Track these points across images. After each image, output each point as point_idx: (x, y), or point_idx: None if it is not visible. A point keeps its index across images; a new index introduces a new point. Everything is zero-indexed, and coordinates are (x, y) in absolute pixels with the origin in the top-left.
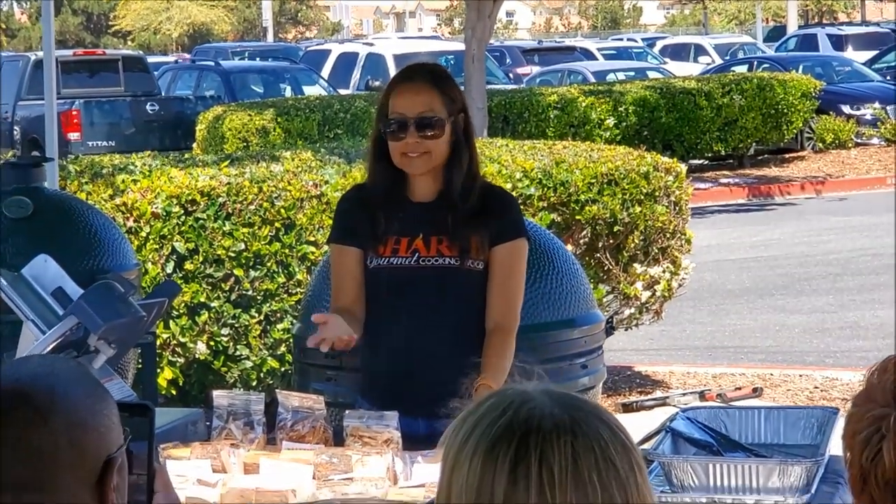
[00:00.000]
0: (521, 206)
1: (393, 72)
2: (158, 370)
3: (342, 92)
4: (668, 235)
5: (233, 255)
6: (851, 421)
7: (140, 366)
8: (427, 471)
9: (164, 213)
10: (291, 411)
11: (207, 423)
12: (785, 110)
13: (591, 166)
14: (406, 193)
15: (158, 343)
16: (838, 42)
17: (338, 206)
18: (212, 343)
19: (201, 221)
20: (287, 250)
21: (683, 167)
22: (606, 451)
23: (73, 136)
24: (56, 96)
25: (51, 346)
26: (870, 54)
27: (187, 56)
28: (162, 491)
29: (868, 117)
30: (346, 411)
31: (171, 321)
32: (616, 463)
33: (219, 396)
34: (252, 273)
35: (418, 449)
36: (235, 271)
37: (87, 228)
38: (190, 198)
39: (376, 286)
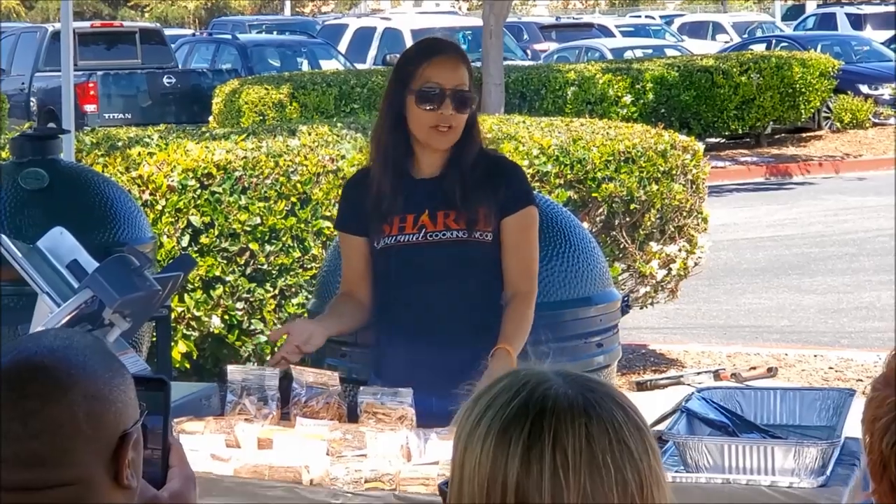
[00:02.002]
0: (538, 184)
1: None
2: (172, 344)
3: (359, 66)
4: (684, 214)
5: (248, 229)
6: (871, 406)
7: (154, 339)
8: (441, 448)
9: (180, 187)
10: (306, 387)
11: (222, 395)
12: (803, 89)
13: (609, 144)
14: (410, 170)
15: (173, 316)
16: (857, 21)
17: (343, 192)
18: (226, 317)
19: (217, 195)
20: (302, 225)
21: (701, 146)
22: (620, 433)
23: (90, 108)
24: (73, 68)
25: (65, 319)
26: (889, 33)
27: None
28: (177, 466)
29: (886, 97)
30: (361, 388)
31: (185, 295)
32: (630, 444)
33: (233, 371)
34: (267, 247)
35: (431, 426)
36: (251, 245)
37: (102, 201)
38: (206, 171)
39: (385, 265)
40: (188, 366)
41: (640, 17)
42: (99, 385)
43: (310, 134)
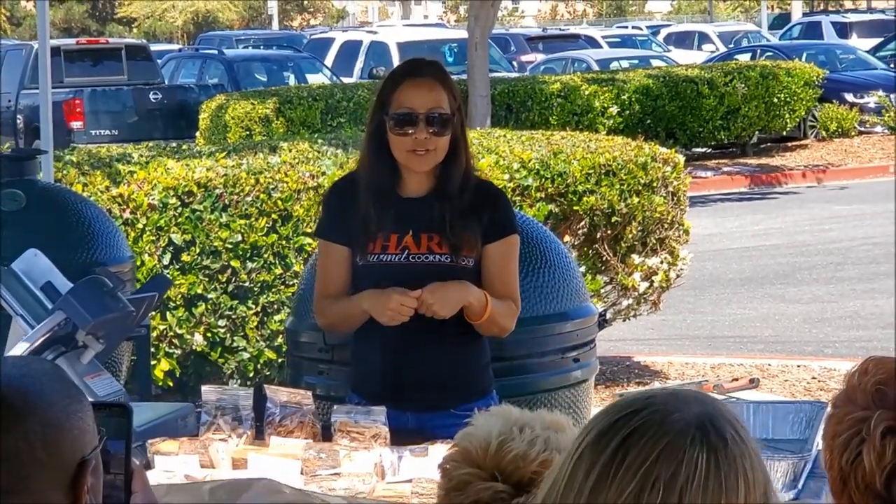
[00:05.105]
0: (519, 198)
1: (396, 60)
2: (155, 362)
3: (345, 80)
4: (665, 226)
5: (230, 246)
6: (832, 422)
7: (134, 358)
8: (415, 465)
9: (161, 205)
10: (279, 406)
11: (198, 412)
12: (787, 99)
13: (589, 157)
14: (397, 189)
15: (155, 335)
16: (843, 29)
17: (326, 199)
18: (209, 335)
19: (198, 213)
20: (284, 242)
21: (681, 158)
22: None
23: (77, 125)
24: (59, 85)
25: (39, 342)
26: (874, 42)
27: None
28: (140, 491)
29: (871, 105)
30: (335, 406)
31: (167, 313)
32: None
33: (207, 391)
34: (249, 264)
35: (407, 443)
36: (232, 263)
37: (80, 221)
38: (187, 189)
39: (366, 283)
40: (171, 384)
41: (626, 27)
42: (56, 413)
43: (290, 150)
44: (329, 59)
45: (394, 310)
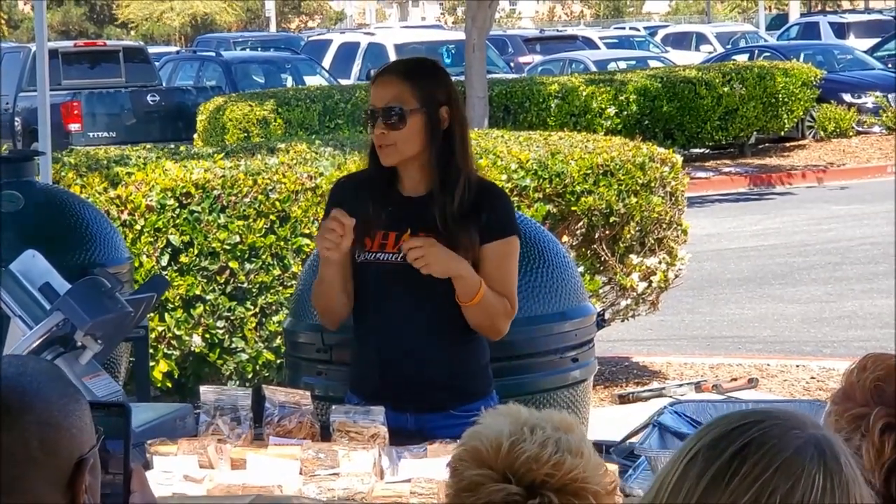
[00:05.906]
0: (517, 198)
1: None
2: (154, 363)
3: (343, 82)
4: (664, 226)
5: (228, 247)
6: (830, 419)
7: (133, 359)
8: (414, 465)
9: (159, 206)
10: (278, 406)
11: (197, 412)
12: (785, 99)
13: (587, 157)
14: (397, 187)
15: (154, 336)
16: (840, 30)
17: (330, 195)
18: (207, 336)
19: (196, 214)
20: (282, 243)
21: (679, 158)
22: None
23: (74, 127)
24: (57, 88)
25: (37, 342)
26: (872, 42)
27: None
28: (139, 491)
29: (869, 105)
30: (333, 406)
31: (166, 314)
32: None
33: (206, 392)
34: (247, 265)
35: (406, 443)
36: (230, 264)
37: (78, 222)
38: (185, 190)
39: (364, 280)
40: (170, 385)
41: (624, 28)
42: (53, 411)
43: (288, 152)
44: (326, 61)
45: (324, 226)
